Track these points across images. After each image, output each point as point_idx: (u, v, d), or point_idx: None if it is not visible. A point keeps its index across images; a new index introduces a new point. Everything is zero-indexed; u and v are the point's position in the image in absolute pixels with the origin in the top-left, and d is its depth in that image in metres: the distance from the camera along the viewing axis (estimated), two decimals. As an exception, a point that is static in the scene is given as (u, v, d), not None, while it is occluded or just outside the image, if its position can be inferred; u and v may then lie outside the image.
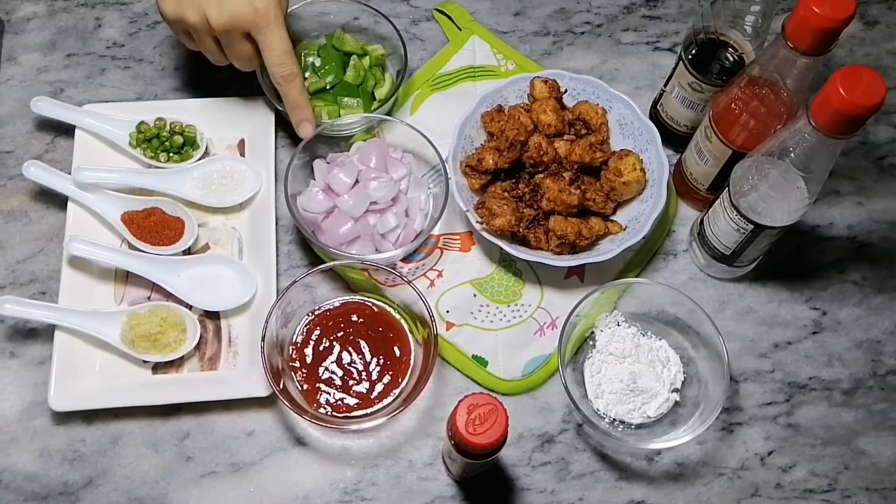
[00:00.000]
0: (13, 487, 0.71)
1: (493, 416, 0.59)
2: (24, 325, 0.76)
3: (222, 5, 0.70)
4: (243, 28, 0.71)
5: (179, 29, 0.74)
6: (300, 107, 0.76)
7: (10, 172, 0.82)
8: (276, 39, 0.72)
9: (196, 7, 0.70)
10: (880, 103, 0.56)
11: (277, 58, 0.73)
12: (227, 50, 0.74)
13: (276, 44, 0.72)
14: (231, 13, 0.70)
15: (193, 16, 0.71)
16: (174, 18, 0.72)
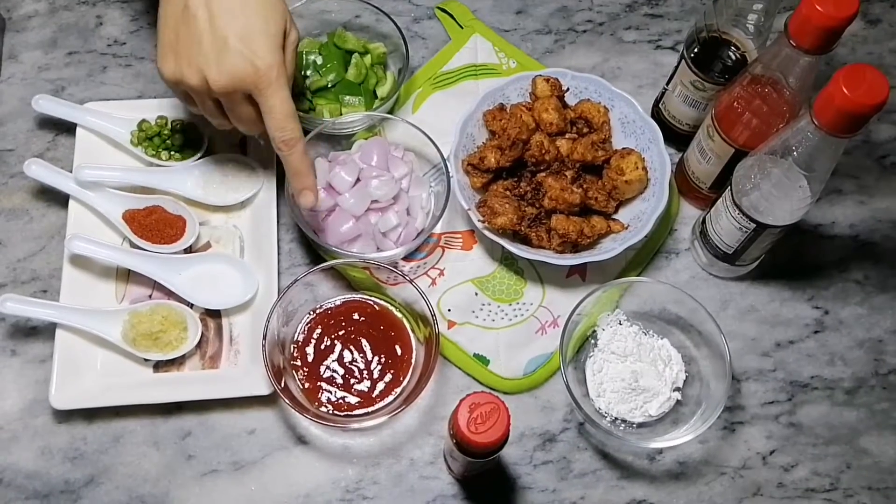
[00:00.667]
0: (14, 486, 0.71)
1: (494, 415, 0.59)
2: (25, 324, 0.76)
3: (221, 66, 0.65)
4: (244, 89, 0.66)
5: (179, 91, 0.69)
6: (301, 174, 0.71)
7: (12, 171, 0.82)
8: (277, 102, 0.67)
9: (195, 68, 0.66)
10: (883, 102, 0.56)
11: (278, 121, 0.68)
12: (230, 113, 0.70)
13: (278, 106, 0.67)
14: (231, 74, 0.65)
15: (192, 77, 0.66)
16: (173, 80, 0.67)
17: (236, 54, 0.65)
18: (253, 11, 0.65)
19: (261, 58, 0.65)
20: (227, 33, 0.64)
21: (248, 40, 0.65)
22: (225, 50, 0.64)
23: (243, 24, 0.65)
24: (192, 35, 0.65)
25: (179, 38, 0.65)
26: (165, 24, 0.66)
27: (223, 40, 0.64)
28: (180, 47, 0.66)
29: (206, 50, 0.65)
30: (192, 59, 0.65)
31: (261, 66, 0.65)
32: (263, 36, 0.66)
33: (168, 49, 0.66)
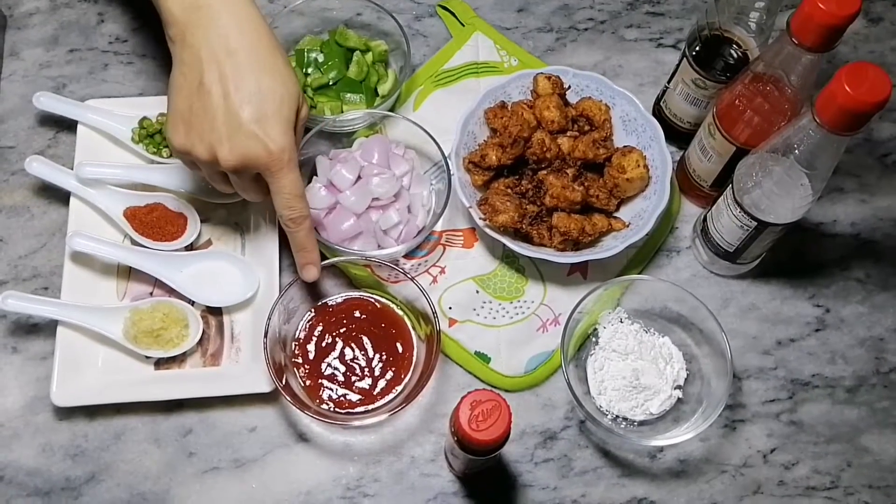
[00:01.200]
0: (16, 483, 0.71)
1: (496, 413, 0.59)
2: (26, 321, 0.76)
3: (234, 145, 0.64)
4: (255, 170, 0.66)
5: (187, 161, 0.69)
6: (307, 250, 0.70)
7: (13, 168, 0.82)
8: (287, 183, 0.66)
9: (206, 143, 0.65)
10: (885, 100, 0.56)
11: (287, 201, 0.67)
12: (236, 185, 0.69)
13: (287, 187, 0.67)
14: (242, 155, 0.64)
15: (203, 152, 0.65)
16: (182, 150, 0.66)
17: (250, 136, 0.64)
18: (268, 93, 0.64)
19: (273, 140, 0.64)
20: (242, 114, 0.64)
21: (261, 122, 0.64)
22: (238, 130, 0.64)
23: (258, 106, 0.64)
24: (206, 111, 0.64)
25: (193, 111, 0.65)
26: (178, 93, 0.66)
27: (237, 120, 0.64)
28: (193, 120, 0.65)
29: (220, 128, 0.64)
30: (203, 134, 0.65)
31: (273, 149, 0.65)
32: (277, 119, 0.65)
33: (179, 119, 0.66)
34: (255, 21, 0.66)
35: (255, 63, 0.65)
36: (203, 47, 0.64)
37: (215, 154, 0.65)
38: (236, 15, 0.65)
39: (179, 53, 0.65)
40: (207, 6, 0.64)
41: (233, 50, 0.64)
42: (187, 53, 0.65)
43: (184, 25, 0.64)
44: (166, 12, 0.65)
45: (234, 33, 0.65)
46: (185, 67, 0.65)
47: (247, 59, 0.65)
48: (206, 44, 0.64)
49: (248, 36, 0.65)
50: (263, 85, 0.65)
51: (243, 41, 0.65)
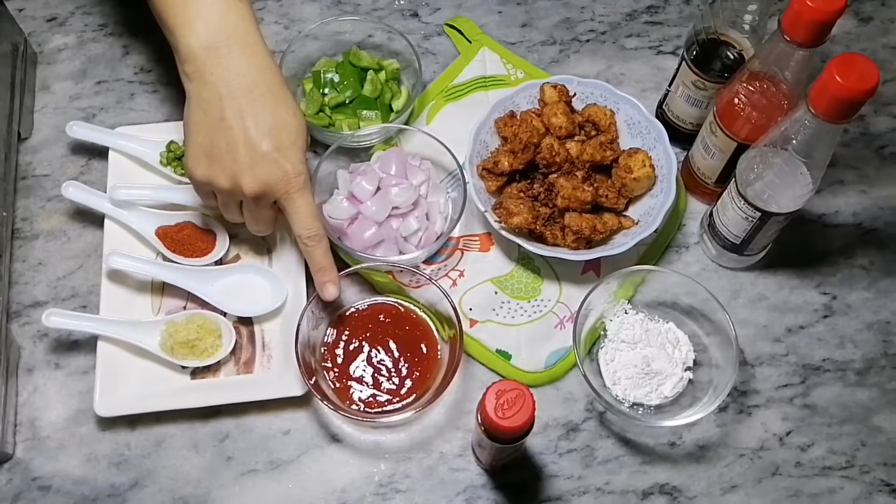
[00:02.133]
0: (63, 492, 0.74)
1: (520, 401, 0.62)
2: (67, 338, 0.80)
3: (256, 175, 0.69)
4: (273, 195, 0.71)
5: (205, 191, 0.74)
6: (325, 268, 0.74)
7: (49, 194, 0.86)
8: (303, 204, 0.72)
9: (228, 174, 0.70)
10: (874, 87, 0.59)
11: (304, 221, 0.72)
12: (249, 213, 0.74)
13: (303, 207, 0.72)
14: (264, 182, 0.70)
15: (224, 182, 0.70)
16: (204, 181, 0.71)
17: (270, 163, 0.69)
18: (283, 127, 0.70)
19: (292, 166, 0.70)
20: (262, 146, 0.69)
21: (280, 152, 0.69)
22: (260, 160, 0.69)
23: (276, 138, 0.69)
24: (229, 145, 0.69)
25: (215, 144, 0.69)
26: (197, 129, 0.70)
27: (258, 151, 0.69)
28: (215, 153, 0.69)
29: (241, 159, 0.69)
30: (225, 165, 0.69)
31: (292, 173, 0.70)
32: (293, 148, 0.71)
33: (201, 153, 0.70)
34: (266, 60, 0.71)
35: (270, 99, 0.70)
36: (222, 85, 0.69)
37: (238, 183, 0.70)
38: (251, 55, 0.70)
39: (197, 90, 0.70)
40: (226, 46, 0.69)
41: (250, 87, 0.69)
42: (206, 90, 0.69)
43: (202, 63, 0.69)
44: (185, 49, 0.69)
45: (250, 72, 0.69)
46: (205, 104, 0.69)
47: (262, 96, 0.70)
48: (225, 82, 0.69)
49: (263, 74, 0.70)
50: (279, 119, 0.70)
51: (259, 79, 0.70)
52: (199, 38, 0.69)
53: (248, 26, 0.71)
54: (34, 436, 0.76)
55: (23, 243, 0.84)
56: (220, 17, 0.69)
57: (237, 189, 0.70)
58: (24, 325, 0.80)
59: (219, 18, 0.69)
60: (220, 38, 0.69)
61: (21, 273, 0.83)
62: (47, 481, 0.74)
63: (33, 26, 0.95)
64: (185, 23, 0.69)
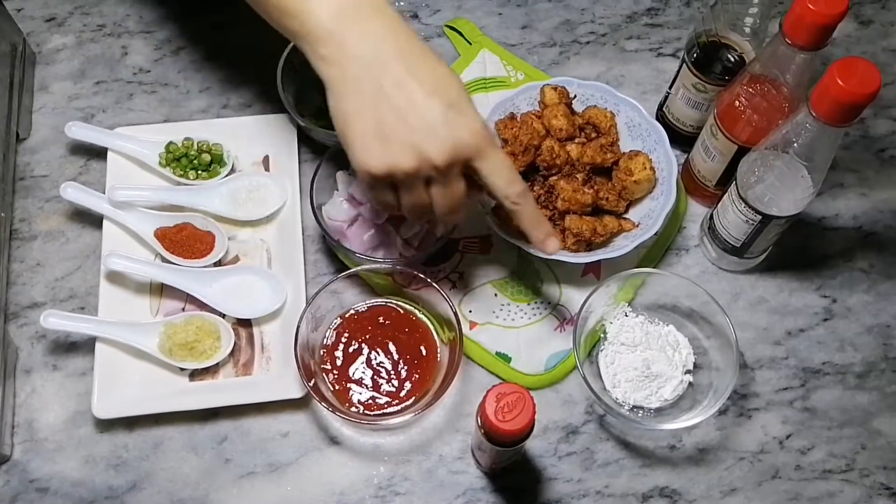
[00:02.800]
0: (61, 494, 0.74)
1: (520, 404, 0.62)
2: (65, 339, 0.79)
3: (441, 139, 0.60)
4: (466, 156, 0.62)
5: (383, 185, 0.64)
6: (541, 222, 0.68)
7: (47, 195, 0.86)
8: (502, 157, 0.64)
9: (409, 149, 0.61)
10: (876, 91, 0.59)
11: (509, 175, 0.64)
12: (440, 193, 0.64)
13: (504, 161, 0.64)
14: (453, 145, 0.61)
15: (407, 160, 0.61)
16: (384, 170, 0.62)
17: (452, 123, 0.61)
18: (446, 79, 0.63)
19: (474, 119, 0.63)
20: (435, 105, 0.61)
21: (455, 107, 0.62)
22: (439, 122, 0.61)
23: (445, 94, 0.62)
24: (399, 115, 0.61)
25: (384, 122, 0.61)
26: (357, 115, 0.62)
27: (433, 113, 0.61)
28: (387, 131, 0.61)
29: (419, 127, 0.61)
30: (404, 140, 0.61)
31: (478, 127, 0.62)
32: (465, 99, 0.63)
33: (371, 139, 0.61)
34: (399, 19, 0.64)
35: (421, 56, 0.63)
36: (369, 55, 0.61)
37: (424, 155, 0.61)
38: (386, 17, 0.63)
39: (341, 71, 0.62)
40: (364, 17, 0.62)
41: (397, 50, 0.62)
42: (353, 67, 0.61)
43: (340, 38, 0.61)
44: (317, 30, 0.62)
45: (392, 35, 0.62)
46: (356, 82, 0.61)
47: (413, 55, 0.62)
48: (372, 51, 0.61)
49: (403, 33, 0.63)
50: (438, 73, 0.63)
51: (402, 40, 0.63)
52: (330, 13, 0.61)
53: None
54: (32, 437, 0.76)
55: (21, 244, 0.84)
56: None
57: (424, 163, 0.61)
58: (21, 327, 0.80)
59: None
60: (351, 8, 0.62)
61: (19, 274, 0.82)
62: (45, 483, 0.74)
63: (32, 26, 0.95)
64: (311, 1, 0.62)
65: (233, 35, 0.95)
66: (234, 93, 0.92)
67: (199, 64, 0.93)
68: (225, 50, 0.94)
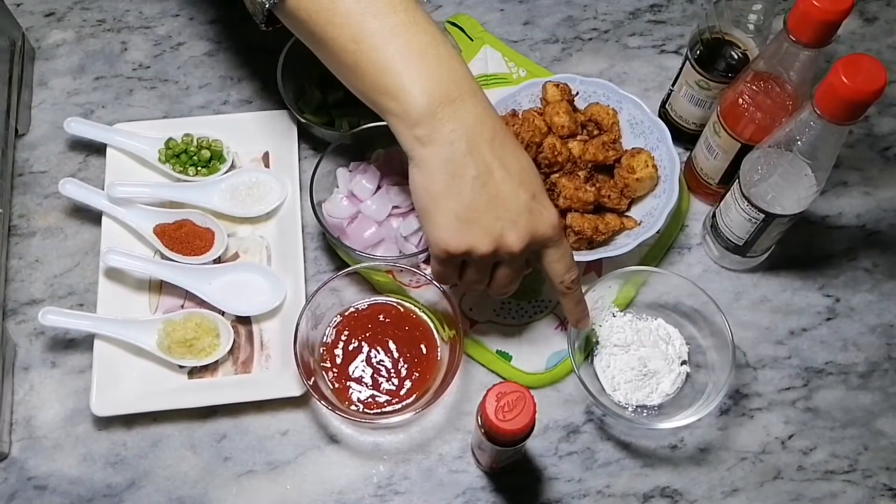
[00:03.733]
0: (59, 491, 0.73)
1: (521, 403, 0.62)
2: (63, 336, 0.79)
3: (521, 227, 0.63)
4: (538, 246, 0.65)
5: (454, 263, 0.66)
6: (583, 303, 0.71)
7: (46, 191, 0.86)
8: (566, 247, 0.67)
9: (490, 235, 0.63)
10: (881, 89, 0.59)
11: (569, 264, 0.67)
12: (505, 273, 0.67)
13: (568, 251, 0.67)
14: (531, 234, 0.64)
15: (486, 245, 0.63)
16: (462, 252, 0.64)
17: (533, 213, 0.64)
18: (529, 169, 0.65)
19: (551, 212, 0.65)
20: (521, 194, 0.63)
21: (539, 199, 0.65)
22: (523, 211, 0.63)
23: (529, 184, 0.64)
24: (490, 201, 0.63)
25: (473, 207, 0.63)
26: (446, 196, 0.63)
27: (519, 202, 0.63)
28: (473, 216, 0.63)
29: (505, 214, 0.63)
30: (487, 226, 0.63)
31: (555, 220, 0.65)
32: (543, 192, 0.66)
33: (456, 221, 0.63)
34: (489, 104, 0.65)
35: (510, 144, 0.65)
36: (464, 140, 0.62)
37: (502, 242, 0.63)
38: (481, 101, 0.64)
39: (435, 153, 0.62)
40: (459, 98, 0.62)
41: (490, 137, 0.63)
42: (447, 150, 0.62)
43: (439, 122, 0.62)
44: (416, 111, 0.62)
45: (486, 120, 0.64)
46: (450, 165, 0.62)
47: (503, 143, 0.64)
48: (467, 136, 0.62)
49: (495, 119, 0.65)
50: (523, 164, 0.65)
51: (495, 126, 0.64)
52: (430, 96, 0.61)
53: (469, 72, 0.65)
54: (30, 435, 0.75)
55: (19, 240, 0.83)
56: (447, 68, 0.63)
57: (501, 248, 0.64)
58: (20, 323, 0.80)
59: (446, 70, 0.62)
60: (452, 91, 0.62)
61: (17, 270, 0.82)
62: (43, 481, 0.74)
63: (31, 21, 0.94)
64: (410, 82, 0.62)
65: (233, 31, 0.94)
66: (234, 89, 0.91)
67: (198, 60, 0.93)
68: (225, 46, 0.93)
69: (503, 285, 0.69)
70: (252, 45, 0.93)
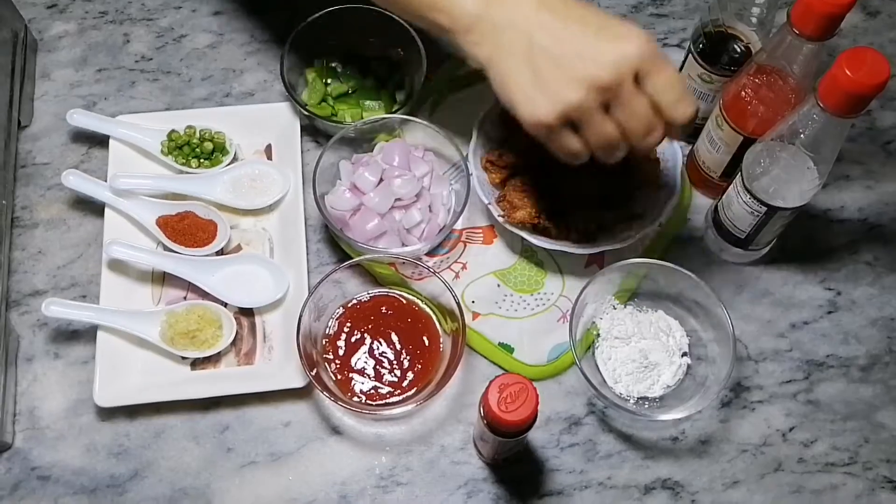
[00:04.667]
0: (63, 482, 0.74)
1: (523, 394, 0.62)
2: (66, 327, 0.79)
3: (597, 59, 0.60)
4: (634, 67, 0.60)
5: (562, 129, 0.63)
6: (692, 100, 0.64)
7: (49, 183, 0.86)
8: (668, 73, 0.61)
9: (571, 83, 0.60)
10: (885, 81, 0.59)
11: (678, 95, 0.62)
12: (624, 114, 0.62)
13: (670, 78, 0.62)
14: (612, 58, 0.59)
15: (575, 92, 0.60)
16: (557, 116, 0.61)
17: (607, 40, 0.60)
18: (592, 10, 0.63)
19: (632, 32, 0.61)
20: (585, 31, 0.61)
21: (607, 28, 0.61)
22: (593, 43, 0.60)
23: (595, 21, 0.61)
24: (551, 56, 0.61)
25: (538, 70, 0.61)
26: (513, 74, 0.62)
27: (586, 38, 0.60)
28: (544, 76, 0.61)
29: (573, 56, 0.60)
30: (563, 76, 0.60)
31: (636, 38, 0.60)
32: (618, 22, 0.62)
33: (531, 90, 0.62)
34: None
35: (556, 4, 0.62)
36: (517, 20, 0.62)
37: (587, 80, 0.60)
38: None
39: (494, 44, 0.63)
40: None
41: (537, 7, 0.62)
42: (503, 36, 0.62)
43: (488, 19, 0.63)
44: (464, 19, 0.63)
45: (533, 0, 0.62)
46: (508, 47, 0.62)
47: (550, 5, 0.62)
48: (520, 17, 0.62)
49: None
50: (584, 10, 0.62)
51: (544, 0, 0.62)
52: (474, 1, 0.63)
53: None
54: (33, 425, 0.76)
55: (22, 232, 0.83)
56: None
57: (591, 88, 0.60)
58: (23, 314, 0.80)
59: None
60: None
61: (21, 262, 0.82)
62: (46, 471, 0.74)
63: (33, 13, 0.94)
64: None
65: (235, 23, 0.94)
66: (237, 81, 0.91)
67: (201, 52, 0.93)
68: (227, 38, 0.93)
69: (637, 130, 0.63)
70: (255, 37, 0.93)
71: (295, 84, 0.86)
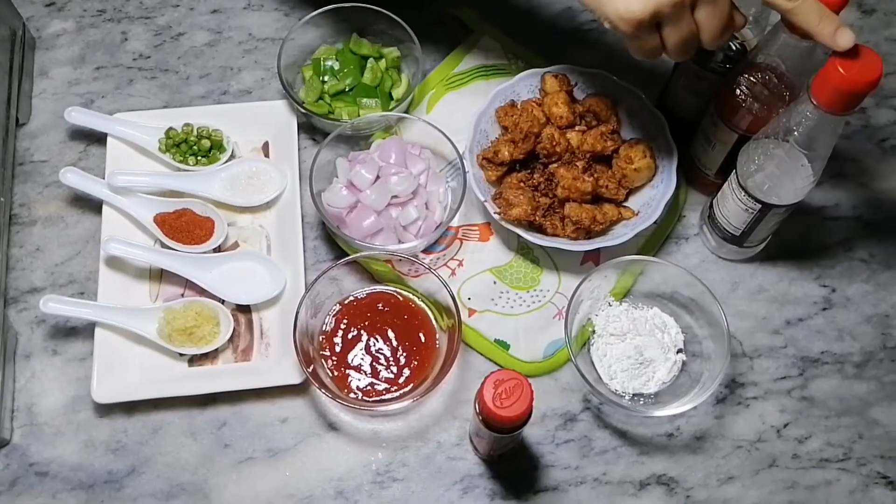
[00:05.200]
0: (61, 477, 0.74)
1: (518, 390, 0.62)
2: (64, 324, 0.79)
3: None
4: None
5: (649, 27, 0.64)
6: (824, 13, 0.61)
7: (47, 180, 0.86)
8: None
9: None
10: (878, 79, 0.59)
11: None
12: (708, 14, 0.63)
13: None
14: None
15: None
16: (651, 12, 0.62)
17: None
18: None
19: None
20: None
21: None
22: None
23: None
24: None
25: None
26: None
27: None
28: None
29: None
30: None
31: None
32: None
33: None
34: None
35: None
36: None
37: None
38: None
39: None
40: None
41: None
42: None
43: None
44: None
45: None
46: None
47: None
48: None
49: None
50: None
51: None
52: None
53: None
54: (31, 422, 0.76)
55: (20, 229, 0.84)
56: None
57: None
58: (21, 311, 0.80)
59: None
60: None
61: (18, 259, 0.82)
62: (44, 467, 0.74)
63: (32, 11, 0.95)
64: None
65: (233, 21, 0.95)
66: (234, 79, 0.91)
67: (199, 50, 0.93)
68: (225, 36, 0.94)
69: (715, 30, 0.64)
70: (252, 35, 0.94)
71: (292, 82, 0.86)
